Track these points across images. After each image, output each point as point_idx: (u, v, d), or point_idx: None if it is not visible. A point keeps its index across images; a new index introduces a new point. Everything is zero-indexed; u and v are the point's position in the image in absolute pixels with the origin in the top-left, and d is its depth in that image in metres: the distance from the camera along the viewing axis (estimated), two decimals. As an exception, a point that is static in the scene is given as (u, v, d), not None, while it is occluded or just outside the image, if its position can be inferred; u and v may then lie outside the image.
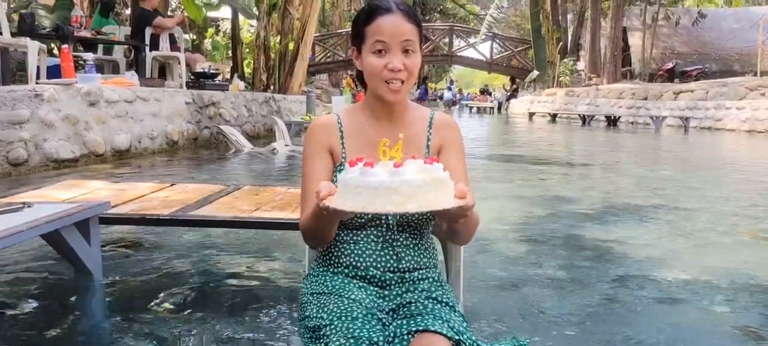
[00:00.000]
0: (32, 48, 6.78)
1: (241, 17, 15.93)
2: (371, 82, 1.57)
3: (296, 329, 1.52)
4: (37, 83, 6.44)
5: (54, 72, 7.01)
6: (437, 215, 1.45)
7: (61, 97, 6.13)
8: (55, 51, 9.17)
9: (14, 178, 5.32)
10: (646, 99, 19.47)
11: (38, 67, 6.88)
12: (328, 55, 26.91)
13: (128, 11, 12.69)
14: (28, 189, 3.13)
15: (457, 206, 1.24)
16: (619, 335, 2.25)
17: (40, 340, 2.07)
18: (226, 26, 21.96)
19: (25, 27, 7.29)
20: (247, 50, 17.47)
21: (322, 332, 1.38)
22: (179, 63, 9.24)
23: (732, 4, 32.91)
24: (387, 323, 1.42)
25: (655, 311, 2.51)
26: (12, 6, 11.48)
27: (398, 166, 1.21)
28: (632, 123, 19.10)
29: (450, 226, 1.50)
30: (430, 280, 1.56)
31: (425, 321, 1.35)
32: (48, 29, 8.27)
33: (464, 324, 1.42)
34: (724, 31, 27.38)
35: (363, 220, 1.53)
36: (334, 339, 1.33)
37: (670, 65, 24.52)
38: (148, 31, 9.04)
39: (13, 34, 7.14)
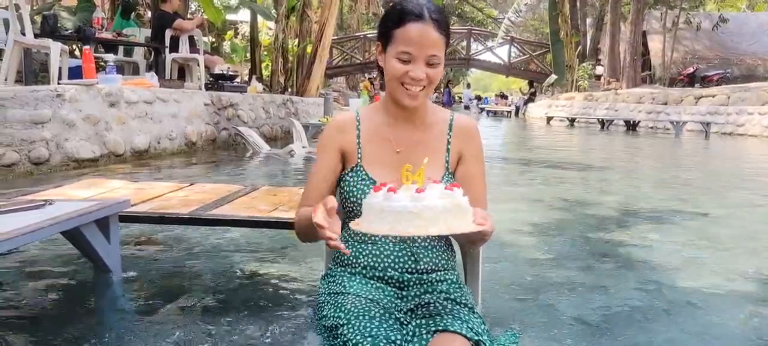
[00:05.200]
0: (54, 49, 6.88)
1: (259, 20, 16.03)
2: (390, 85, 1.57)
3: (314, 328, 1.52)
4: (58, 84, 6.52)
5: (75, 73, 7.11)
6: (456, 237, 1.49)
7: (82, 97, 6.21)
8: (77, 52, 9.31)
9: (36, 176, 5.39)
10: (666, 104, 19.26)
11: (60, 68, 6.99)
12: (346, 58, 26.98)
13: (149, 13, 12.83)
14: (50, 187, 3.17)
15: (477, 231, 1.29)
16: (639, 341, 2.22)
17: (61, 336, 2.09)
18: (244, 29, 22.13)
19: (48, 28, 7.40)
20: (265, 53, 17.59)
21: (339, 332, 1.38)
22: (198, 65, 9.32)
23: (755, 9, 32.48)
24: (405, 323, 1.41)
25: (676, 318, 2.47)
26: (35, 8, 11.67)
27: (420, 191, 1.27)
28: (652, 128, 18.89)
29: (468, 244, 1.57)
30: (449, 282, 1.55)
31: (445, 321, 1.34)
32: (70, 31, 8.39)
33: (483, 326, 1.41)
34: (747, 36, 27.03)
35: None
36: (352, 338, 1.33)
37: (690, 70, 24.24)
38: (168, 33, 9.13)
39: (36, 36, 7.26)
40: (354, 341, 1.31)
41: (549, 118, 23.21)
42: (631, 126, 18.79)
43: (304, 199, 1.62)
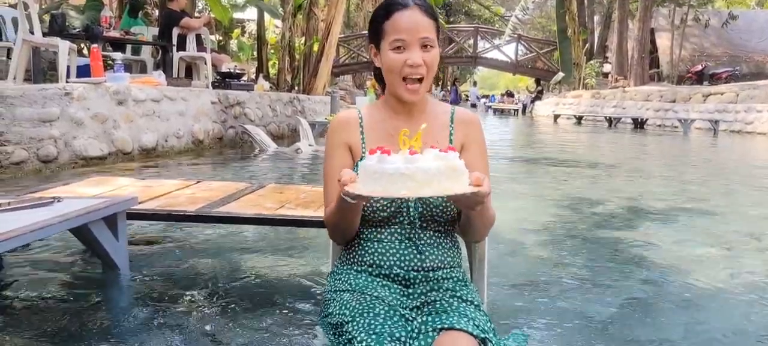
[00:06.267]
0: (63, 48, 6.92)
1: (266, 18, 16.05)
2: (389, 79, 1.58)
3: (320, 325, 1.53)
4: (67, 82, 6.55)
5: (83, 71, 7.14)
6: (454, 202, 1.47)
7: (90, 96, 6.24)
8: (85, 51, 9.34)
9: (44, 174, 5.42)
10: (674, 102, 19.15)
11: (68, 67, 7.02)
12: (353, 56, 26.95)
13: (157, 12, 12.88)
14: (58, 185, 3.19)
15: (472, 192, 1.27)
16: (644, 338, 2.21)
17: (69, 333, 2.11)
18: (251, 27, 22.15)
19: (56, 27, 7.43)
20: (272, 51, 17.59)
21: (344, 329, 1.38)
22: (205, 63, 9.33)
23: (764, 6, 32.25)
24: (410, 320, 1.41)
25: (680, 315, 2.46)
26: (43, 7, 11.74)
27: (414, 153, 1.27)
28: (660, 126, 18.80)
29: (467, 214, 1.51)
30: (455, 279, 1.55)
31: (451, 319, 1.34)
32: (78, 29, 8.43)
33: (489, 323, 1.41)
34: (756, 33, 26.85)
35: (386, 214, 1.53)
36: (357, 335, 1.33)
37: (699, 67, 24.10)
38: (176, 32, 9.15)
39: (44, 35, 7.29)
40: (359, 338, 1.32)
41: (556, 117, 23.13)
42: (639, 124, 18.70)
43: (327, 201, 1.64)
